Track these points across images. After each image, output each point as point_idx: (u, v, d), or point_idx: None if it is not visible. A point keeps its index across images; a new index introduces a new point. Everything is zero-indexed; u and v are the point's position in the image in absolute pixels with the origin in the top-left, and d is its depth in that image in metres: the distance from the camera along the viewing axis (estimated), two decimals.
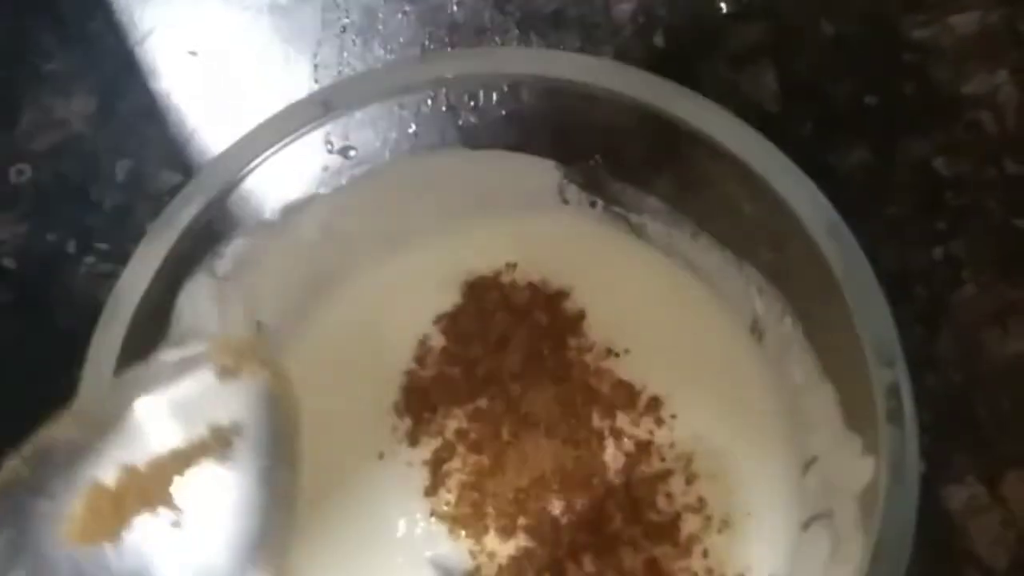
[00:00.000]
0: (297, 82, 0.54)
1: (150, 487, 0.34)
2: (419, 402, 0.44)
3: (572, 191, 0.45)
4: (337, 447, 0.43)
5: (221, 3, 0.57)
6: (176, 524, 0.34)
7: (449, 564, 0.41)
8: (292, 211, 0.43)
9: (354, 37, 0.54)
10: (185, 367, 0.36)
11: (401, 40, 0.54)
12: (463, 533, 0.41)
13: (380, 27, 0.55)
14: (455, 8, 0.55)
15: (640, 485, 0.41)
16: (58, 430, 0.34)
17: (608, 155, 0.44)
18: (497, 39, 0.54)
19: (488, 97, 0.43)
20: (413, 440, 0.43)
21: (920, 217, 0.49)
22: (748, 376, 0.43)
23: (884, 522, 0.33)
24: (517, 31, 0.54)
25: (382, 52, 0.54)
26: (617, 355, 0.44)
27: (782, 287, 0.41)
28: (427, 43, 0.54)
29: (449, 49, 0.53)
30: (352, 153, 0.43)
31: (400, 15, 0.55)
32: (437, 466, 0.42)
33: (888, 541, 0.33)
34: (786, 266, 0.40)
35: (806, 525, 0.39)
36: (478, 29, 0.54)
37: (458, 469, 0.42)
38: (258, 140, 0.41)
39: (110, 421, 0.34)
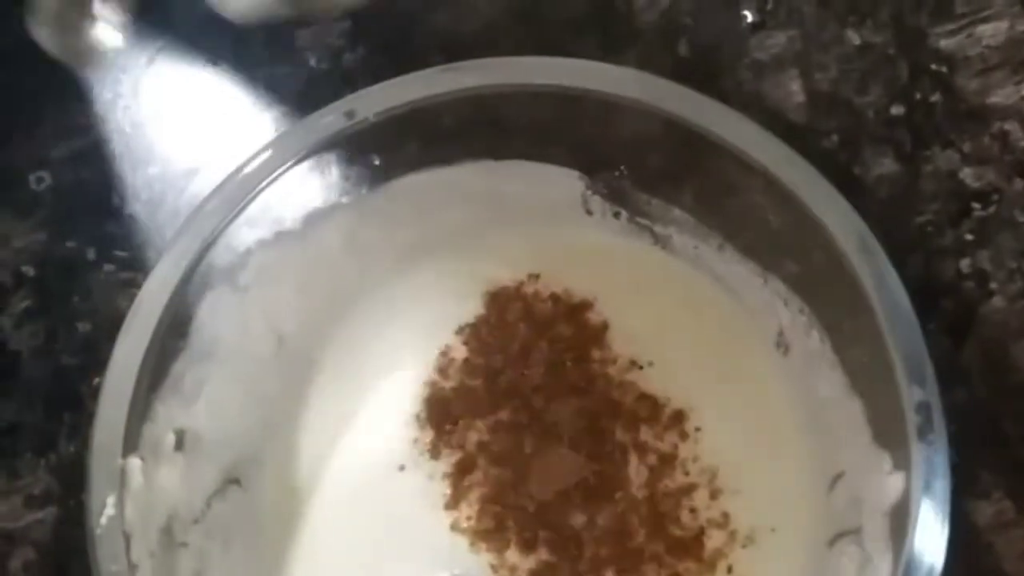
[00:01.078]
0: (320, 92, 0.53)
1: None
2: (440, 414, 0.43)
3: (596, 202, 0.45)
4: (358, 459, 0.43)
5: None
6: None
7: None
8: (314, 221, 0.43)
9: (375, 47, 0.54)
10: None
11: (422, 50, 0.54)
12: (484, 547, 0.41)
13: (401, 36, 0.55)
14: (476, 17, 0.54)
15: (664, 499, 0.41)
16: None
17: (632, 166, 0.43)
18: (518, 48, 0.53)
19: (511, 107, 0.42)
20: (434, 452, 0.43)
21: (947, 228, 0.48)
22: (773, 390, 0.42)
23: (915, 540, 0.33)
24: (539, 40, 0.53)
25: (403, 62, 0.54)
26: (641, 367, 0.44)
27: (809, 300, 0.41)
28: (448, 52, 0.54)
29: (471, 59, 0.53)
30: (375, 163, 0.43)
31: (420, 24, 0.55)
32: (458, 479, 0.42)
33: (918, 560, 0.33)
34: (813, 279, 0.40)
35: (832, 542, 0.39)
36: (499, 38, 0.54)
37: (479, 482, 0.42)
38: (281, 149, 0.41)
39: None
